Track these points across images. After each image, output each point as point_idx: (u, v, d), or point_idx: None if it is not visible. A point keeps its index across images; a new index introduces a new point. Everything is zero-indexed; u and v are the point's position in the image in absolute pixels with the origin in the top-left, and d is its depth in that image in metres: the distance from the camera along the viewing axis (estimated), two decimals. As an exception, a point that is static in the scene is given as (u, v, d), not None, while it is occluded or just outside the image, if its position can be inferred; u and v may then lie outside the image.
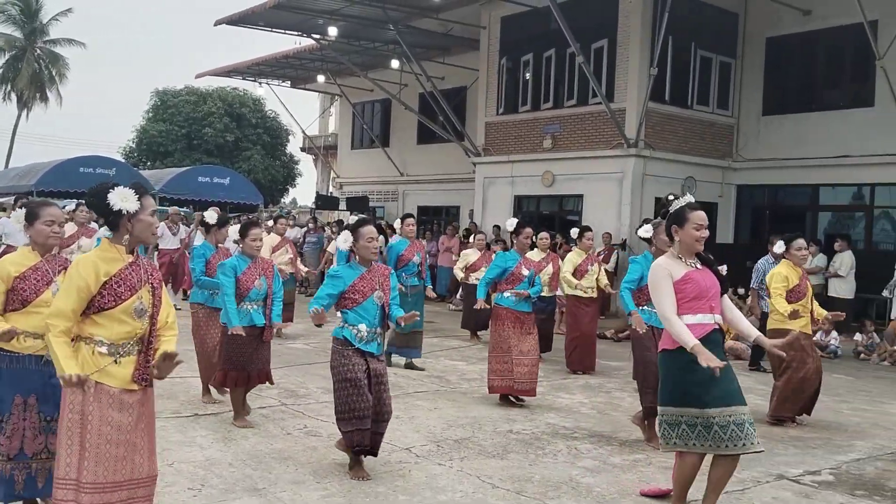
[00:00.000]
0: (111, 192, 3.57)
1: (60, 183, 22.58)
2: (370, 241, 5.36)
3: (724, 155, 17.42)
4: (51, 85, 44.87)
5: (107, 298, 3.54)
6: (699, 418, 4.44)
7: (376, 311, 5.35)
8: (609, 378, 9.52)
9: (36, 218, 4.29)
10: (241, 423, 6.46)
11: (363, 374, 5.26)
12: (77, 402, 3.49)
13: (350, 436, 5.26)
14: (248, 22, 19.81)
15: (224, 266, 6.51)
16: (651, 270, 4.66)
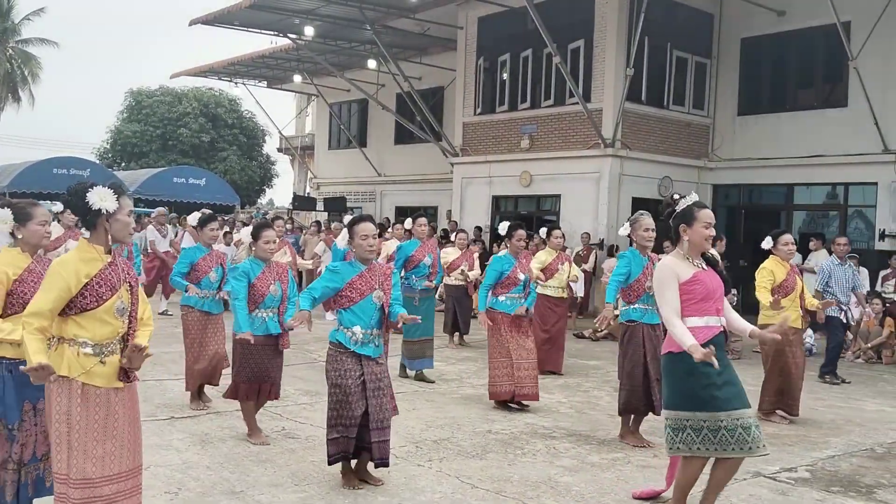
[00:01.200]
0: (90, 191, 3.58)
1: (34, 184, 22.35)
2: (364, 238, 5.16)
3: (699, 155, 17.54)
4: (23, 85, 44.29)
5: (88, 299, 3.56)
6: (706, 422, 4.37)
7: (374, 311, 5.13)
8: (587, 377, 9.55)
9: (30, 218, 4.20)
10: (257, 439, 6.08)
11: (355, 381, 5.03)
12: (63, 404, 3.55)
13: (332, 442, 5.07)
14: (223, 22, 19.66)
15: (236, 270, 6.13)
16: (657, 270, 4.60)
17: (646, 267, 6.45)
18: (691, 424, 4.42)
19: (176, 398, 7.44)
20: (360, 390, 5.05)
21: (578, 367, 10.11)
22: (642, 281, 6.40)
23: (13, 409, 4.07)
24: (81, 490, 3.54)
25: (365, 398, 5.05)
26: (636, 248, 6.54)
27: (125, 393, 3.68)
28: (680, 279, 4.46)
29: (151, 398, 7.34)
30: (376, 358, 5.16)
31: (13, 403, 4.07)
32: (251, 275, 6.03)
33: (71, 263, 3.57)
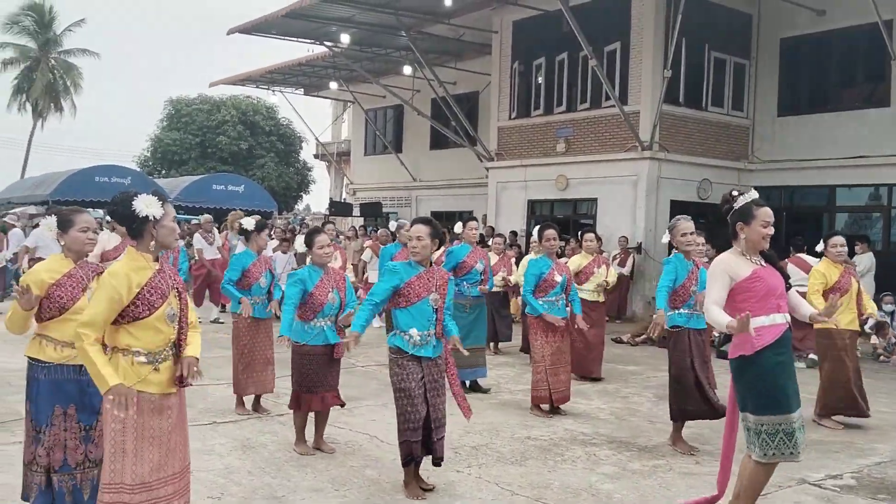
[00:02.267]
0: (135, 199, 3.63)
1: (76, 192, 22.79)
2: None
3: (739, 157, 17.32)
4: (65, 95, 45.22)
5: (141, 308, 3.60)
6: (782, 425, 4.29)
7: (431, 313, 5.10)
8: (626, 383, 9.46)
9: (71, 225, 4.28)
10: (303, 449, 6.03)
11: (417, 383, 5.05)
12: (118, 413, 3.56)
13: (402, 445, 5.07)
14: (260, 30, 19.89)
15: (294, 276, 5.99)
16: (713, 264, 4.52)
17: (690, 272, 6.38)
18: (766, 430, 4.32)
19: (218, 403, 7.52)
20: (423, 392, 5.07)
21: (617, 373, 10.03)
22: (687, 286, 6.34)
23: (43, 411, 4.14)
24: (140, 494, 3.59)
25: (426, 400, 5.07)
26: (679, 252, 6.48)
27: (176, 397, 3.76)
28: (738, 277, 4.37)
29: (194, 403, 7.41)
30: (434, 358, 5.16)
31: (44, 406, 4.14)
32: (308, 283, 5.92)
33: (122, 273, 3.60)
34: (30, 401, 4.22)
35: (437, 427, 5.12)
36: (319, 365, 5.97)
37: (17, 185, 29.85)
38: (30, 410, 4.21)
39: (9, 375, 8.15)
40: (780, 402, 4.30)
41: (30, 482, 4.16)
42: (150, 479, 3.62)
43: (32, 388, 4.22)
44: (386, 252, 9.78)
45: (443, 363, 5.25)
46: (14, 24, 43.73)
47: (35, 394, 4.18)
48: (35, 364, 4.22)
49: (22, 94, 44.44)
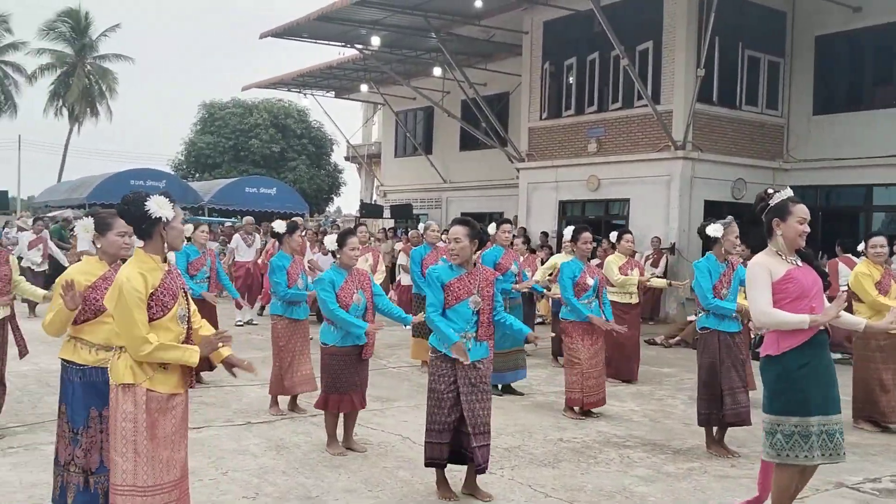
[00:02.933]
0: (148, 200, 3.62)
1: (112, 195, 23.07)
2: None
3: (774, 156, 17.10)
4: (101, 99, 45.91)
5: (155, 310, 3.60)
6: (797, 427, 4.22)
7: (470, 315, 5.00)
8: (660, 385, 9.38)
9: (109, 229, 4.30)
10: (335, 449, 6.05)
11: (448, 386, 4.97)
12: (129, 410, 3.58)
13: (427, 446, 5.05)
14: (292, 34, 20.03)
15: (322, 281, 5.98)
16: (749, 267, 4.41)
17: (723, 273, 6.31)
18: (782, 430, 4.26)
19: (252, 403, 7.58)
20: (455, 395, 4.97)
21: (651, 375, 9.94)
22: (719, 288, 6.27)
23: (79, 413, 4.17)
24: (153, 497, 3.58)
25: (459, 403, 4.98)
26: (713, 253, 6.41)
27: (181, 398, 3.74)
28: (773, 277, 4.29)
29: (228, 403, 7.49)
30: (473, 362, 5.01)
31: (79, 408, 4.17)
32: (336, 284, 5.93)
33: (138, 275, 3.59)
34: (65, 403, 4.26)
35: (475, 433, 4.94)
36: (347, 365, 5.97)
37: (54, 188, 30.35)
38: (65, 412, 4.25)
39: (47, 376, 8.29)
40: (798, 405, 4.23)
41: (67, 483, 4.19)
42: (161, 480, 3.60)
43: (67, 390, 4.25)
44: (416, 254, 9.78)
45: (484, 367, 5.09)
46: (51, 31, 44.51)
47: (70, 396, 4.22)
48: (69, 366, 4.25)
49: (58, 99, 45.21)
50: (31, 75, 45.26)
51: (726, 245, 6.37)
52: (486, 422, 5.04)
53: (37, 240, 13.87)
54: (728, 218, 6.51)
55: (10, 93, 45.40)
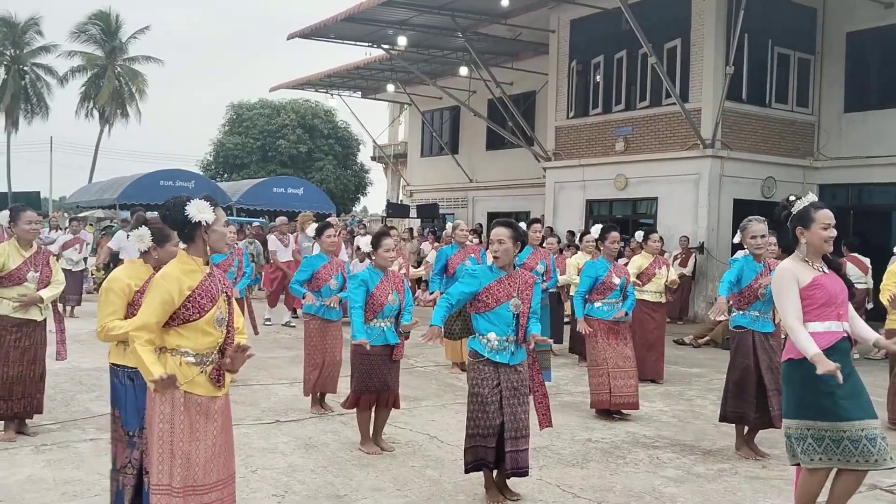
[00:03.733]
0: (188, 204, 3.62)
1: (142, 196, 23.33)
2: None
3: (804, 154, 16.90)
4: (131, 101, 46.49)
5: (191, 311, 3.60)
6: (828, 432, 4.16)
7: (511, 319, 4.94)
8: (689, 385, 9.30)
9: (168, 240, 4.30)
10: (369, 448, 6.04)
11: (491, 389, 4.90)
12: (167, 412, 3.59)
13: (468, 451, 4.97)
14: (319, 35, 20.13)
15: (355, 278, 6.01)
16: (776, 274, 4.38)
17: (759, 273, 6.22)
18: (812, 434, 4.20)
19: (281, 402, 7.63)
20: (498, 399, 4.90)
21: (680, 375, 9.87)
22: (754, 287, 6.19)
23: (133, 416, 4.19)
24: (186, 499, 3.58)
25: (503, 407, 4.91)
26: (749, 253, 6.34)
27: (222, 401, 3.75)
28: (800, 284, 4.25)
29: (257, 402, 7.54)
30: (514, 365, 4.97)
31: (133, 411, 4.19)
32: (370, 284, 5.94)
33: (174, 276, 3.60)
34: (118, 407, 4.27)
35: (515, 437, 4.90)
36: (379, 365, 5.97)
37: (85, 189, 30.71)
38: (119, 416, 4.25)
39: (81, 375, 8.40)
40: (825, 409, 4.17)
41: (123, 485, 4.21)
42: (197, 482, 3.60)
43: (119, 393, 4.27)
44: (442, 253, 9.79)
45: (525, 371, 5.05)
46: (81, 33, 45.15)
47: (123, 399, 4.23)
48: (119, 370, 4.27)
49: (89, 101, 45.86)
50: (63, 77, 45.99)
51: (748, 247, 6.28)
52: (526, 425, 5.00)
53: (73, 240, 14.02)
54: (744, 220, 6.42)
55: (42, 95, 46.14)
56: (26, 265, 5.96)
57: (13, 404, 6.03)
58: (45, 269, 6.08)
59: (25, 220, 5.97)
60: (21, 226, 5.96)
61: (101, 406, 7.13)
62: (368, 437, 6.14)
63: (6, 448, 5.85)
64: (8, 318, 5.96)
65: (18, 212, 6.03)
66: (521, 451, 4.93)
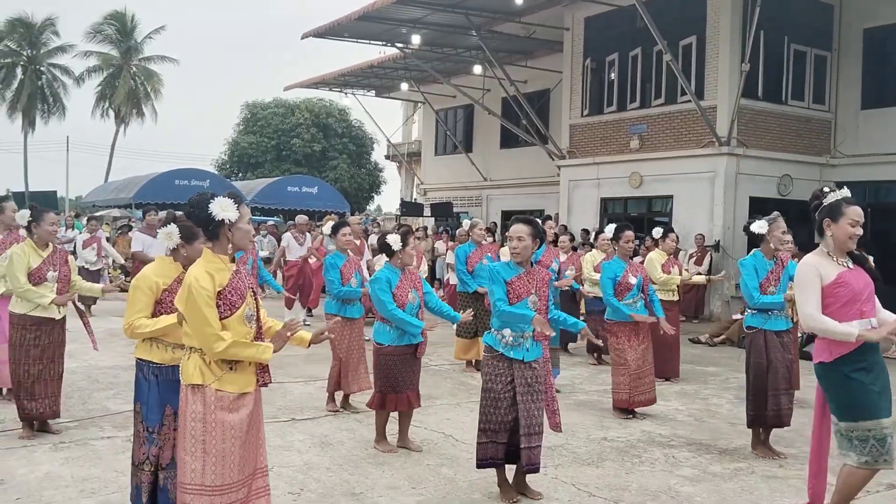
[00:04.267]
0: (212, 202, 3.62)
1: (157, 195, 23.44)
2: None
3: (821, 151, 16.78)
4: (146, 101, 46.77)
5: (222, 309, 3.61)
6: (871, 431, 4.10)
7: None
8: (705, 384, 9.26)
9: (196, 238, 4.30)
10: (384, 447, 6.06)
11: (504, 385, 4.90)
12: (199, 411, 3.61)
13: (480, 447, 4.99)
14: (334, 34, 20.16)
15: (379, 281, 5.93)
16: (799, 268, 4.32)
17: (771, 271, 6.18)
18: (857, 435, 4.14)
19: (297, 400, 7.66)
20: (511, 395, 4.91)
21: (696, 374, 9.82)
22: (766, 285, 6.14)
23: (154, 411, 4.22)
24: (222, 496, 3.60)
25: (516, 403, 4.92)
26: (761, 250, 6.27)
27: (252, 397, 3.75)
28: (823, 281, 4.18)
29: (273, 400, 7.56)
30: (529, 362, 4.98)
31: (155, 406, 4.22)
32: (392, 283, 5.92)
33: (206, 274, 3.61)
34: (140, 402, 4.30)
35: (528, 434, 4.90)
36: (403, 365, 5.96)
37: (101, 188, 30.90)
38: (140, 411, 4.28)
39: (97, 373, 8.45)
40: (864, 409, 4.12)
41: (141, 481, 4.24)
42: (231, 480, 3.62)
43: (143, 388, 4.29)
44: (460, 251, 9.78)
45: (540, 368, 5.04)
46: (97, 33, 45.46)
47: (146, 394, 4.26)
48: (145, 365, 4.30)
49: (105, 100, 46.17)
50: (79, 77, 46.33)
51: (773, 241, 6.22)
52: (540, 422, 5.01)
53: (91, 239, 14.11)
54: (773, 213, 6.34)
55: (59, 95, 46.49)
56: (45, 265, 6.04)
57: (37, 405, 6.08)
58: (64, 268, 6.15)
59: (48, 221, 6.06)
60: (44, 227, 6.04)
61: (119, 404, 7.19)
62: (384, 435, 6.14)
63: (25, 445, 5.90)
64: (27, 317, 6.03)
65: (41, 213, 6.10)
66: (533, 447, 4.94)
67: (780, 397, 6.11)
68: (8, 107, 45.17)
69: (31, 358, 6.04)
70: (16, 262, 5.94)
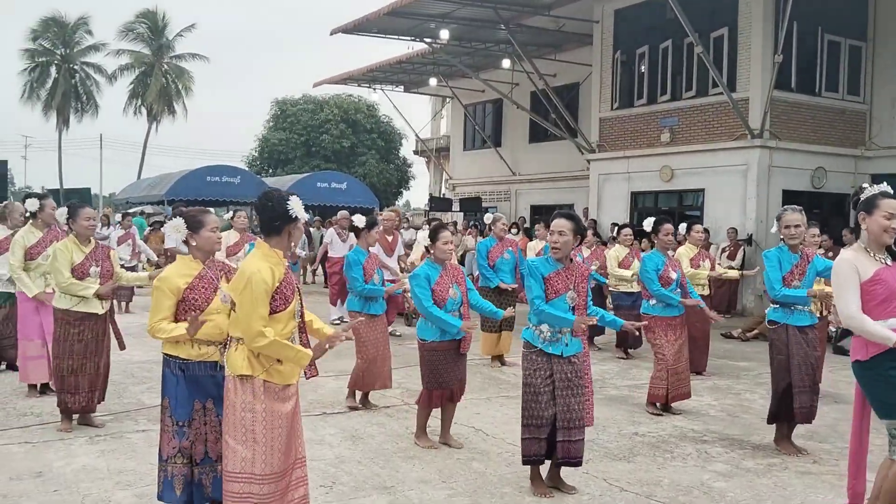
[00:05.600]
0: (290, 199, 3.75)
1: (189, 191, 23.70)
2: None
3: (856, 143, 16.53)
4: (177, 98, 47.27)
5: (278, 302, 3.71)
6: None
7: (566, 311, 4.92)
8: (738, 379, 9.17)
9: (202, 226, 4.37)
10: (425, 443, 6.06)
11: (543, 380, 4.91)
12: (249, 400, 3.72)
13: (524, 442, 4.99)
14: (362, 30, 20.20)
15: (417, 277, 5.91)
16: (836, 262, 4.24)
17: (795, 265, 6.07)
18: None
19: (327, 395, 7.70)
20: (550, 390, 4.91)
21: (728, 369, 9.73)
22: (789, 280, 6.03)
23: (183, 406, 4.27)
24: (269, 485, 3.71)
25: (555, 398, 4.92)
26: (785, 244, 6.19)
27: (295, 388, 3.88)
28: (861, 277, 4.10)
29: (304, 394, 7.55)
30: (568, 357, 4.97)
31: (183, 400, 4.27)
32: (431, 280, 5.89)
33: (267, 268, 3.69)
34: (168, 397, 4.33)
35: (568, 428, 4.90)
36: (447, 360, 5.94)
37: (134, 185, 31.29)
38: (168, 406, 4.32)
39: (132, 367, 8.57)
40: None
41: (173, 475, 4.27)
42: (279, 468, 3.73)
43: (170, 383, 4.32)
44: (482, 246, 9.78)
45: (580, 363, 5.04)
46: (129, 32, 45.99)
47: (174, 389, 4.30)
48: (172, 360, 4.33)
49: (137, 98, 46.75)
50: (112, 76, 46.96)
51: (783, 236, 6.11)
52: (581, 416, 4.99)
53: (125, 235, 14.27)
54: (781, 209, 6.26)
55: (92, 93, 47.15)
56: (88, 260, 6.13)
57: (78, 398, 6.18)
58: (106, 264, 6.24)
59: (84, 216, 6.16)
60: (80, 222, 6.15)
61: (153, 398, 7.29)
62: (425, 431, 6.12)
63: (62, 438, 6.01)
64: (71, 312, 6.13)
65: (76, 209, 6.21)
66: (574, 441, 4.93)
67: (803, 395, 6.00)
68: (43, 105, 45.92)
69: (74, 353, 6.14)
70: (59, 258, 6.06)
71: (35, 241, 7.19)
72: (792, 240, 6.07)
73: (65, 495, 4.85)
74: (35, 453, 5.65)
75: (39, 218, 7.28)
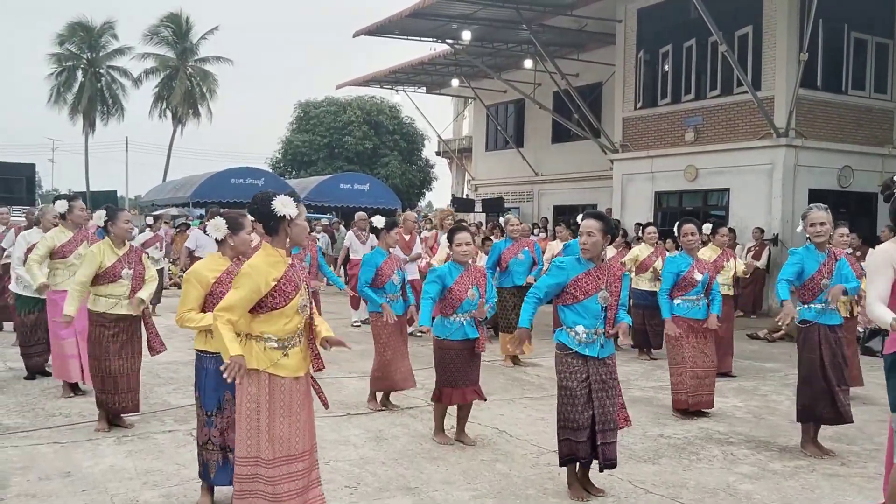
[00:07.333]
0: (274, 199, 3.91)
1: (214, 193, 23.88)
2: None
3: (883, 142, 16.33)
4: (202, 101, 47.59)
5: (278, 299, 3.89)
6: None
7: (599, 311, 4.88)
8: (764, 380, 9.09)
9: (241, 228, 4.71)
10: (442, 439, 6.13)
11: (580, 382, 4.86)
12: (253, 393, 3.93)
13: (561, 444, 4.96)
14: (384, 32, 20.26)
15: (434, 272, 6.03)
16: (872, 255, 4.21)
17: (822, 264, 6.00)
18: None
19: (351, 395, 7.73)
20: (587, 392, 4.88)
21: (754, 370, 9.65)
22: (817, 279, 5.96)
23: (211, 396, 4.61)
24: (275, 468, 3.90)
25: (592, 400, 4.89)
26: (812, 243, 6.12)
27: (304, 380, 4.06)
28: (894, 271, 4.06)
29: (328, 395, 7.59)
30: (603, 358, 4.94)
31: (210, 391, 4.61)
32: (447, 279, 5.95)
33: (262, 266, 3.88)
34: (198, 389, 4.69)
35: (602, 430, 4.89)
36: (460, 359, 5.99)
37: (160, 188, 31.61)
38: (198, 397, 4.69)
39: (157, 367, 8.64)
40: None
41: (207, 460, 4.66)
42: (283, 454, 3.92)
43: (201, 376, 4.66)
44: (496, 247, 9.79)
45: (614, 364, 5.03)
46: (154, 35, 46.39)
47: (203, 381, 4.64)
48: (203, 355, 4.65)
49: (162, 101, 47.12)
50: (137, 79, 47.37)
51: (809, 235, 6.04)
52: (614, 418, 4.97)
53: (154, 238, 14.31)
54: (806, 208, 6.19)
55: (118, 96, 47.61)
56: (120, 263, 6.21)
57: (120, 398, 6.26)
58: (139, 266, 6.32)
59: (123, 219, 6.29)
60: (119, 224, 6.25)
61: (179, 398, 7.36)
62: (442, 428, 6.20)
63: (90, 439, 6.07)
64: (105, 315, 6.19)
65: (115, 212, 6.31)
66: (609, 443, 4.92)
67: (838, 394, 5.95)
68: (70, 109, 46.43)
69: (110, 353, 6.19)
70: (87, 260, 6.16)
71: (66, 240, 7.34)
72: (818, 237, 6.00)
73: (93, 495, 4.90)
74: (64, 454, 5.71)
75: (69, 219, 7.40)
